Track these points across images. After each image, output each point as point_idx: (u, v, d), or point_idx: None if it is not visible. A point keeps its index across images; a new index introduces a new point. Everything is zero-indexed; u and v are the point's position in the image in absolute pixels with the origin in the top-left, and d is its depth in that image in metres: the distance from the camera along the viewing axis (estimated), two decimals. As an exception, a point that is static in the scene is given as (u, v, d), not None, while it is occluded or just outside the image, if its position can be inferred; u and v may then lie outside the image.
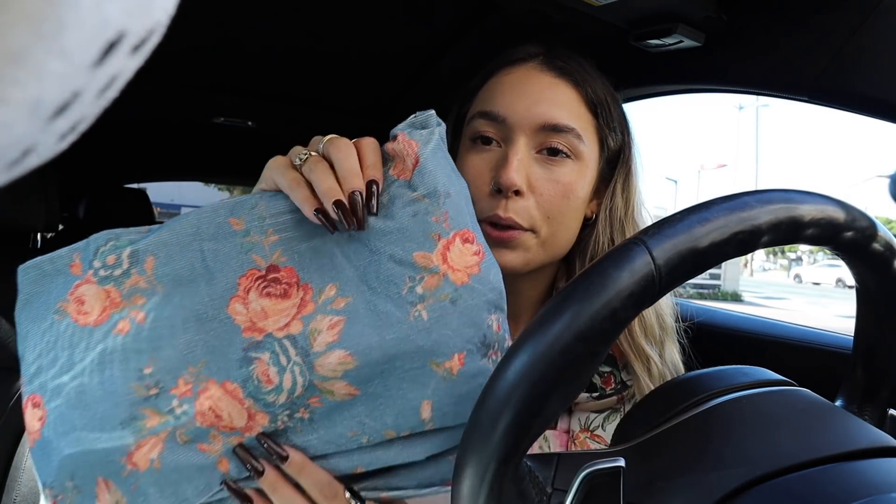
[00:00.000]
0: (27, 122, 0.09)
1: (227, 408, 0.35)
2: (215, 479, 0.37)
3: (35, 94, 0.09)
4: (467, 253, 0.38)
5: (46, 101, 0.09)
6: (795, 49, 0.67)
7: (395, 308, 0.36)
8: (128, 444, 0.35)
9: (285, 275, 0.37)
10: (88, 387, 0.35)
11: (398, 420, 0.37)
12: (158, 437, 0.35)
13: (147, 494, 0.35)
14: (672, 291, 0.41)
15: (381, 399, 0.37)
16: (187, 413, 0.35)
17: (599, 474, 0.28)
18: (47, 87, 0.09)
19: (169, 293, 0.36)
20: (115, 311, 0.36)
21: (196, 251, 0.37)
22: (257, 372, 0.35)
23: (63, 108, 0.10)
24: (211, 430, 0.36)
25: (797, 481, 0.28)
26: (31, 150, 0.10)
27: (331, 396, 0.36)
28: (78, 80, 0.10)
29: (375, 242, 0.37)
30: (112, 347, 0.35)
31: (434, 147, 0.39)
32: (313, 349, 0.36)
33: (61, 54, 0.09)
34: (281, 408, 0.36)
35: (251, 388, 0.35)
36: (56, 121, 0.10)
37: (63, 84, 0.09)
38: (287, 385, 0.35)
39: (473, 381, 0.37)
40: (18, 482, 0.93)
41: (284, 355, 0.35)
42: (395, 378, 0.36)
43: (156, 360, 0.35)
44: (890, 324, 0.36)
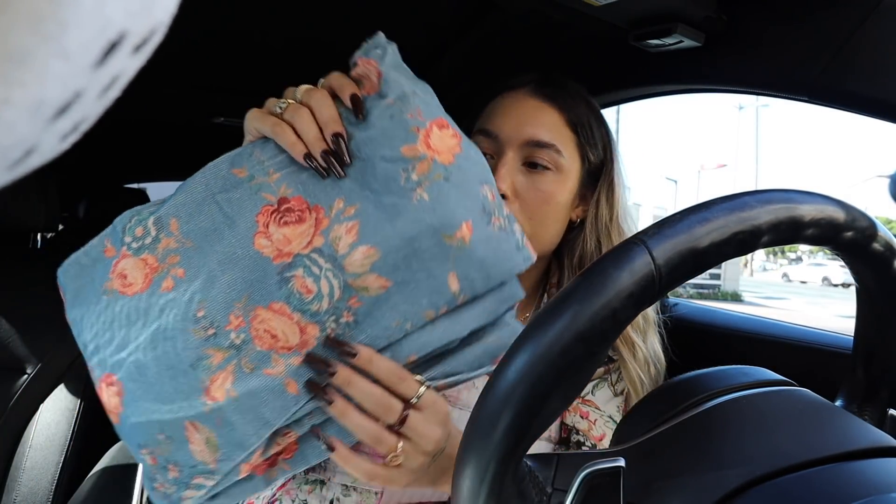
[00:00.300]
0: (29, 123, 0.09)
1: (280, 326, 0.39)
2: (289, 402, 0.39)
3: (37, 94, 0.09)
4: (446, 136, 0.42)
5: (48, 101, 0.09)
6: (795, 49, 0.67)
7: (398, 199, 0.40)
8: (202, 382, 0.38)
9: (295, 203, 0.40)
10: (153, 348, 0.39)
11: (432, 298, 0.40)
12: (226, 370, 0.38)
13: (232, 423, 0.38)
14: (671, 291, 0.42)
15: (412, 284, 0.40)
16: (246, 342, 0.39)
17: (599, 474, 0.28)
18: (49, 87, 0.09)
19: (199, 246, 0.40)
20: (156, 275, 0.40)
21: (212, 204, 0.41)
22: (296, 286, 0.39)
23: (65, 108, 0.10)
24: (271, 354, 0.39)
25: (797, 481, 0.28)
26: (33, 150, 0.10)
27: (367, 293, 0.40)
28: (80, 80, 0.10)
29: (365, 151, 0.41)
30: (163, 304, 0.39)
31: (391, 59, 0.43)
32: (339, 252, 0.39)
33: (63, 54, 0.09)
34: (326, 314, 0.39)
35: (295, 301, 0.39)
36: (58, 121, 0.10)
37: (65, 84, 0.09)
38: (325, 290, 0.39)
39: (487, 246, 0.41)
40: (18, 482, 0.93)
41: (315, 266, 0.39)
42: (417, 260, 0.40)
43: (205, 303, 0.39)
44: (890, 324, 0.36)
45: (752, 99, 21.31)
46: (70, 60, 0.09)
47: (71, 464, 0.96)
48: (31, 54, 0.09)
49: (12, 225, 1.03)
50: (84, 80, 0.10)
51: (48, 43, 0.09)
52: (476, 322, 0.42)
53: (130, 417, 0.39)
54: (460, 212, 0.40)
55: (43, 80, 0.09)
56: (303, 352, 0.39)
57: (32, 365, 0.97)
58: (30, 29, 0.08)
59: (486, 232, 0.41)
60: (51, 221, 1.06)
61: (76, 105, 0.10)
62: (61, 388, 0.99)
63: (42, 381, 0.98)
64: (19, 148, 0.10)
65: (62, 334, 0.99)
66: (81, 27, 0.09)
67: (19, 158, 0.10)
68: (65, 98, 0.10)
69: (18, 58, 0.08)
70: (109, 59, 0.10)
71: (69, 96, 0.10)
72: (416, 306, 0.40)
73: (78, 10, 0.09)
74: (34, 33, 0.08)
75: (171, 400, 0.38)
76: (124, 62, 0.11)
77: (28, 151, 0.10)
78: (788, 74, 0.69)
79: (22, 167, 0.10)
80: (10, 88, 0.09)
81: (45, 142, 0.10)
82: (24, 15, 0.08)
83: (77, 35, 0.09)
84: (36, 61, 0.09)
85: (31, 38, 0.08)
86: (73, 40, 0.09)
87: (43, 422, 0.97)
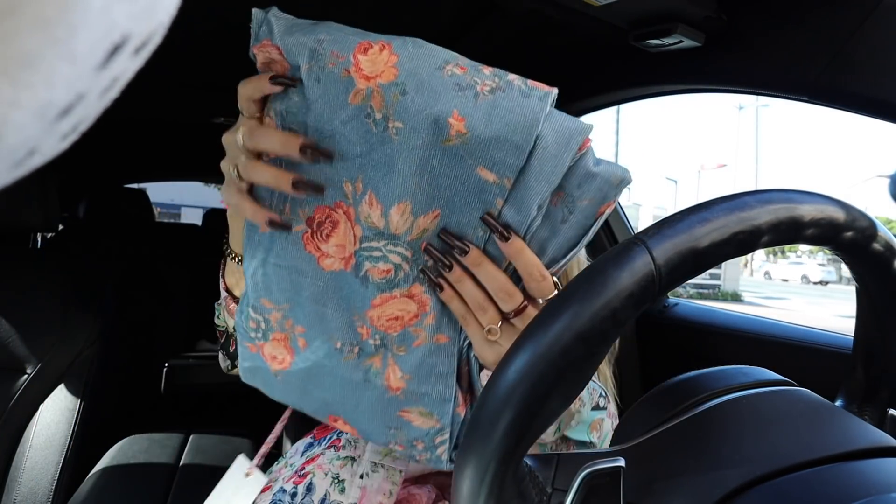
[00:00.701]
0: (35, 124, 0.09)
1: (394, 309, 0.42)
2: (449, 350, 0.43)
3: (44, 96, 0.09)
4: (375, 56, 0.38)
5: (54, 103, 0.09)
6: (795, 49, 0.67)
7: (382, 145, 0.39)
8: (381, 385, 0.44)
9: (320, 215, 0.42)
10: (335, 389, 0.45)
11: (482, 198, 0.39)
12: (389, 365, 0.43)
13: (424, 393, 0.43)
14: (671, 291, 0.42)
15: (455, 200, 0.39)
16: (384, 337, 0.43)
17: (599, 474, 0.28)
18: (56, 89, 0.09)
19: (293, 302, 0.44)
20: (289, 342, 0.45)
21: (272, 268, 0.44)
22: (376, 276, 0.41)
23: (68, 109, 0.10)
24: (407, 330, 0.43)
25: (797, 481, 0.28)
26: (34, 150, 0.10)
27: (428, 233, 0.41)
28: (84, 82, 0.10)
29: (327, 128, 0.39)
30: (311, 357, 0.45)
31: (280, 27, 0.40)
32: (380, 227, 0.41)
33: (70, 57, 0.09)
34: (413, 270, 0.41)
35: (385, 285, 0.42)
36: (60, 122, 0.10)
37: (70, 86, 0.09)
38: (397, 260, 0.41)
39: (489, 119, 0.37)
40: (18, 482, 0.93)
41: (374, 251, 0.41)
42: (442, 178, 0.39)
43: (334, 335, 0.44)
44: (890, 324, 0.36)
45: (752, 99, 21.32)
46: (77, 63, 0.09)
47: (71, 464, 0.96)
48: (39, 57, 0.09)
49: (12, 225, 1.03)
50: (88, 82, 0.10)
51: (56, 46, 0.09)
52: (544, 190, 0.38)
53: (367, 433, 0.46)
54: (439, 109, 0.37)
55: (50, 82, 0.09)
56: (427, 311, 0.42)
57: (32, 365, 0.97)
58: (38, 32, 0.08)
59: (478, 107, 0.37)
60: (51, 221, 1.06)
61: (78, 106, 0.10)
62: (61, 388, 0.99)
63: (42, 381, 0.98)
64: (23, 148, 0.10)
65: (62, 334, 0.99)
66: (89, 30, 0.09)
67: (22, 159, 0.10)
68: (69, 100, 0.10)
69: (27, 61, 0.09)
70: (112, 61, 0.10)
71: (73, 98, 0.10)
72: (473, 215, 0.39)
73: (86, 13, 0.09)
74: (43, 37, 0.08)
75: (374, 410, 0.44)
76: (125, 63, 0.11)
77: (30, 152, 0.10)
78: (788, 74, 0.69)
79: (24, 167, 0.10)
80: (19, 91, 0.09)
81: (47, 142, 0.10)
82: (32, 19, 0.08)
83: (84, 38, 0.09)
84: (44, 64, 0.09)
85: (40, 42, 0.08)
86: (81, 43, 0.09)
87: (43, 422, 0.97)
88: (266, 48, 0.40)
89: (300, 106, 0.40)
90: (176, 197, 13.60)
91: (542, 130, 0.37)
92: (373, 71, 0.37)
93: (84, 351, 1.01)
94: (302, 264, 0.42)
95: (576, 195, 0.39)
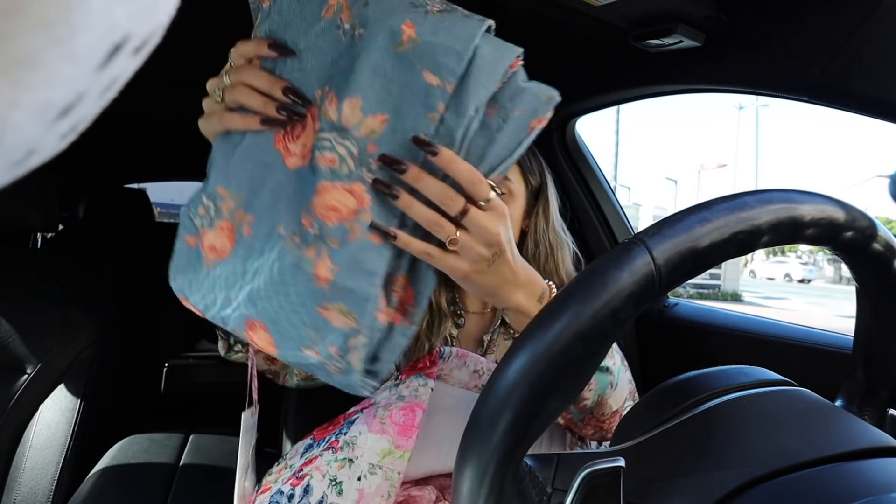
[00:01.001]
0: (34, 124, 0.09)
1: (333, 199, 0.45)
2: (382, 251, 0.45)
3: (44, 96, 0.09)
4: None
5: (54, 103, 0.09)
6: (795, 49, 0.67)
7: (351, 49, 0.45)
8: (311, 274, 0.45)
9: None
10: (265, 273, 0.47)
11: (426, 102, 0.44)
12: (322, 256, 0.45)
13: (349, 288, 0.45)
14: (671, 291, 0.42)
15: (402, 103, 0.44)
16: (321, 227, 0.45)
17: (599, 474, 0.28)
18: (56, 89, 0.09)
19: (251, 192, 0.47)
20: (234, 232, 0.48)
21: (240, 159, 0.48)
22: (323, 164, 0.45)
23: (67, 109, 0.10)
24: (343, 224, 0.45)
25: (797, 481, 0.28)
26: (34, 150, 0.10)
27: (375, 134, 0.45)
28: (84, 82, 0.10)
29: (302, 40, 0.46)
30: (253, 244, 0.47)
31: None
32: (334, 119, 0.45)
33: (71, 58, 0.09)
34: (358, 169, 0.45)
35: (329, 174, 0.45)
36: (60, 122, 0.10)
37: (70, 86, 0.09)
38: (343, 152, 0.45)
39: (436, 30, 0.43)
40: (18, 482, 0.93)
41: (325, 141, 0.45)
42: (391, 82, 0.44)
43: (281, 224, 0.46)
44: (890, 324, 0.36)
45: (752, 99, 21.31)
46: (77, 63, 0.09)
47: (71, 464, 0.96)
48: (40, 57, 0.09)
49: (12, 225, 1.03)
50: (88, 82, 0.10)
51: (57, 46, 0.09)
52: (481, 95, 0.44)
53: (281, 342, 0.48)
54: (394, 19, 0.43)
55: (51, 82, 0.09)
56: (365, 208, 0.45)
57: (32, 365, 0.97)
58: (39, 33, 0.08)
59: (427, 19, 0.44)
60: (51, 221, 1.06)
61: (78, 106, 0.10)
62: (61, 388, 0.99)
63: (42, 381, 0.98)
64: (23, 148, 0.10)
65: (62, 334, 0.99)
66: (90, 31, 0.09)
67: (21, 158, 0.10)
68: (69, 100, 0.10)
69: (28, 61, 0.08)
70: (112, 61, 0.10)
71: (73, 98, 0.10)
72: (420, 116, 0.44)
73: (87, 14, 0.09)
74: (43, 37, 0.08)
75: (297, 303, 0.46)
76: (125, 63, 0.11)
77: (30, 152, 0.10)
78: (788, 74, 0.69)
79: (23, 167, 0.10)
80: (20, 91, 0.09)
81: (46, 142, 0.10)
82: (33, 19, 0.08)
83: (85, 39, 0.09)
84: (45, 64, 0.09)
85: (41, 42, 0.08)
86: (81, 44, 0.09)
87: (43, 422, 0.97)
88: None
89: (280, 24, 0.46)
90: (176, 197, 13.58)
91: (479, 43, 0.44)
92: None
93: (84, 351, 1.01)
94: (270, 159, 0.47)
95: (509, 106, 0.46)
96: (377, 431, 0.57)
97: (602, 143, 16.40)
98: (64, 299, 1.01)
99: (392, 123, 0.44)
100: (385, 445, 0.56)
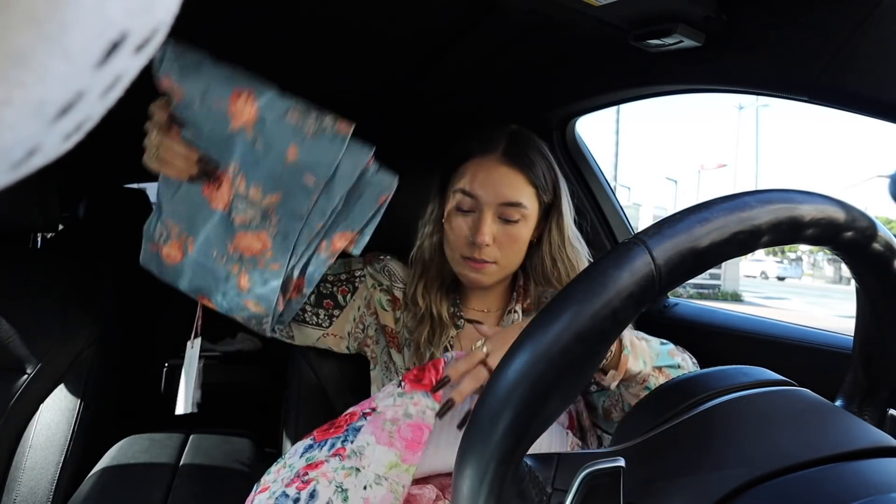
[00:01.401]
0: (31, 123, 0.09)
1: (247, 240, 0.69)
2: (282, 272, 0.69)
3: (38, 94, 0.09)
4: (243, 104, 0.62)
5: (50, 101, 0.09)
6: (795, 49, 0.67)
7: (250, 143, 0.64)
8: (233, 280, 0.70)
9: (220, 174, 0.67)
10: (205, 280, 0.71)
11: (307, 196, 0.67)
12: (243, 272, 0.70)
13: (259, 293, 0.70)
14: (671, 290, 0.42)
15: (290, 193, 0.66)
16: (241, 255, 0.69)
17: (599, 474, 0.28)
18: (50, 87, 0.09)
19: (190, 224, 0.69)
20: (182, 247, 0.70)
21: (181, 201, 0.68)
22: (238, 220, 0.68)
23: (67, 108, 0.10)
24: (254, 257, 0.69)
25: (797, 481, 0.28)
26: (35, 150, 0.10)
27: (274, 204, 0.68)
28: (81, 80, 0.10)
29: (215, 140, 0.64)
30: (194, 258, 0.69)
31: (175, 71, 0.60)
32: (242, 193, 0.66)
33: (64, 55, 0.09)
34: (262, 223, 0.68)
35: (243, 227, 0.68)
36: (60, 121, 0.10)
37: (66, 84, 0.09)
38: (251, 214, 0.68)
39: (311, 149, 0.63)
40: (18, 482, 0.93)
41: (240, 205, 0.67)
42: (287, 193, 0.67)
43: (213, 248, 0.69)
44: (889, 324, 0.36)
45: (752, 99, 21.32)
46: (70, 60, 0.09)
47: (71, 464, 0.96)
48: (29, 55, 0.09)
49: (12, 225, 1.03)
50: (86, 81, 0.10)
51: (47, 43, 0.09)
52: (343, 187, 0.65)
53: (221, 305, 0.72)
54: (282, 143, 0.63)
55: (43, 80, 0.09)
56: (268, 248, 0.68)
57: (32, 365, 0.97)
58: (28, 29, 0.08)
59: (306, 144, 0.63)
60: (51, 221, 1.06)
61: (79, 105, 0.10)
62: (61, 388, 0.99)
63: (42, 381, 0.97)
64: (21, 148, 0.10)
65: (62, 334, 0.99)
66: (81, 27, 0.09)
67: (22, 159, 0.10)
68: (66, 98, 0.10)
69: (17, 58, 0.08)
70: (111, 59, 0.10)
71: (71, 96, 0.10)
72: (304, 200, 0.65)
73: (77, 10, 0.09)
74: (32, 34, 0.08)
75: (230, 296, 0.70)
76: (127, 62, 0.11)
77: (31, 152, 0.10)
78: (788, 74, 0.69)
79: (25, 167, 0.10)
80: (10, 89, 0.09)
81: (48, 142, 0.10)
82: (21, 15, 0.08)
83: (77, 35, 0.09)
84: (36, 62, 0.09)
85: (30, 39, 0.08)
86: (74, 41, 0.09)
87: (43, 422, 0.97)
88: (169, 84, 0.61)
89: (196, 132, 0.63)
90: (176, 197, 13.54)
91: (342, 158, 0.64)
92: (242, 114, 0.62)
93: (84, 351, 1.01)
94: (200, 201, 0.68)
95: (363, 189, 0.67)
96: (385, 444, 0.60)
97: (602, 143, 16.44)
98: (64, 299, 1.01)
99: (284, 200, 0.65)
100: (392, 458, 0.59)
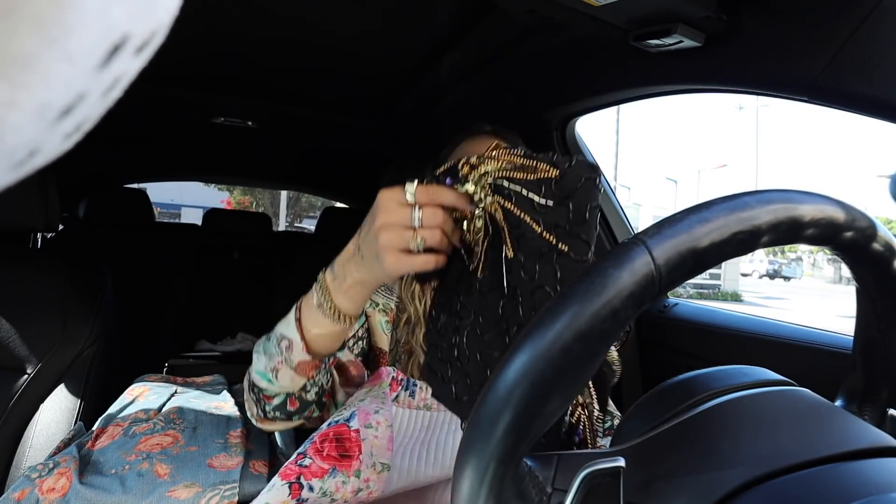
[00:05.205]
0: (34, 125, 0.09)
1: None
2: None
3: (42, 97, 0.09)
4: None
5: (53, 103, 0.09)
6: (795, 49, 0.67)
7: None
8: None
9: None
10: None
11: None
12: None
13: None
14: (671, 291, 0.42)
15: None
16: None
17: (599, 474, 0.28)
18: (54, 90, 0.09)
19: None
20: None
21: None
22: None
23: (69, 109, 0.10)
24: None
25: (797, 481, 0.28)
26: (36, 150, 0.10)
27: None
28: (83, 82, 0.10)
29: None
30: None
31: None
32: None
33: (68, 58, 0.09)
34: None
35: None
36: (62, 122, 0.10)
37: (69, 86, 0.09)
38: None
39: None
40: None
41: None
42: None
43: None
44: (889, 324, 0.36)
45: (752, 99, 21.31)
46: (74, 63, 0.09)
47: (71, 464, 0.96)
48: (35, 58, 0.09)
49: (12, 225, 1.03)
50: (88, 82, 0.10)
51: (53, 46, 0.09)
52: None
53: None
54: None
55: (48, 82, 0.09)
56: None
57: (32, 365, 0.97)
58: (34, 33, 0.08)
59: None
60: (51, 221, 1.06)
61: (80, 106, 0.10)
62: (61, 388, 0.99)
63: (42, 381, 0.98)
64: (24, 149, 0.10)
65: (62, 334, 0.99)
66: (86, 30, 0.09)
67: (24, 159, 0.10)
68: (69, 100, 0.10)
69: (23, 61, 0.08)
70: (112, 61, 0.10)
71: (73, 98, 0.10)
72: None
73: (82, 13, 0.09)
74: (38, 37, 0.08)
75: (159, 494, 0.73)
76: (127, 63, 0.11)
77: (32, 152, 0.10)
78: (788, 74, 0.69)
79: (26, 167, 0.10)
80: (16, 91, 0.09)
81: (49, 142, 0.10)
82: (28, 19, 0.08)
83: (81, 38, 0.09)
84: (41, 65, 0.09)
85: (36, 42, 0.08)
86: (78, 43, 0.09)
87: (43, 422, 0.97)
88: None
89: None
90: (176, 197, 13.59)
91: None
92: None
93: (84, 351, 1.01)
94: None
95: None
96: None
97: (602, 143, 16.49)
98: (64, 299, 1.01)
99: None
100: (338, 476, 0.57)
